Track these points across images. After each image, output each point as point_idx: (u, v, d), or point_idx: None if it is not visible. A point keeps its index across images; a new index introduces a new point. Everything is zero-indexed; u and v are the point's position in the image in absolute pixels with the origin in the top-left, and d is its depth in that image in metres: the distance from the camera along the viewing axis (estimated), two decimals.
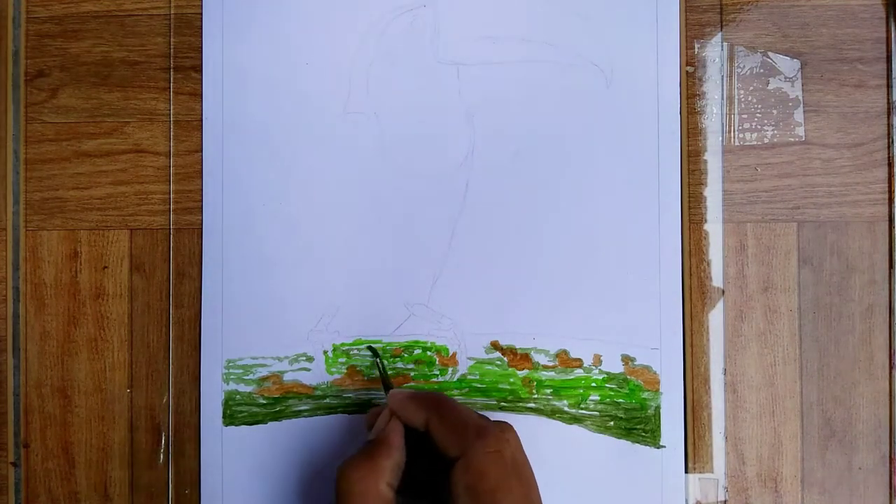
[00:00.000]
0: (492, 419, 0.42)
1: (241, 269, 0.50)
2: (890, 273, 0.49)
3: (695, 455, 0.49)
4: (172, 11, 0.51)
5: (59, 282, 0.50)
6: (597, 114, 0.49)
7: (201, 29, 0.50)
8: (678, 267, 0.49)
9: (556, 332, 0.49)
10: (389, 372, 0.49)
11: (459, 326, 0.49)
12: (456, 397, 0.49)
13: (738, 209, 0.49)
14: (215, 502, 0.49)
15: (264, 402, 0.49)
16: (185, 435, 0.50)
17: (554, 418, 0.49)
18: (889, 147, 0.49)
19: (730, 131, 0.49)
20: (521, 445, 0.42)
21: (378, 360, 0.48)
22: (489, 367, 0.49)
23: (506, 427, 0.41)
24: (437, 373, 0.49)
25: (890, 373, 0.48)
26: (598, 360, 0.49)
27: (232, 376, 0.49)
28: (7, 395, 0.50)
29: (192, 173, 0.50)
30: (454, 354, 0.49)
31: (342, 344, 0.49)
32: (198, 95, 0.50)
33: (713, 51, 0.50)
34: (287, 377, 0.49)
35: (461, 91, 0.50)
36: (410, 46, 0.50)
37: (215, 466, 0.49)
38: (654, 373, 0.48)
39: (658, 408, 0.48)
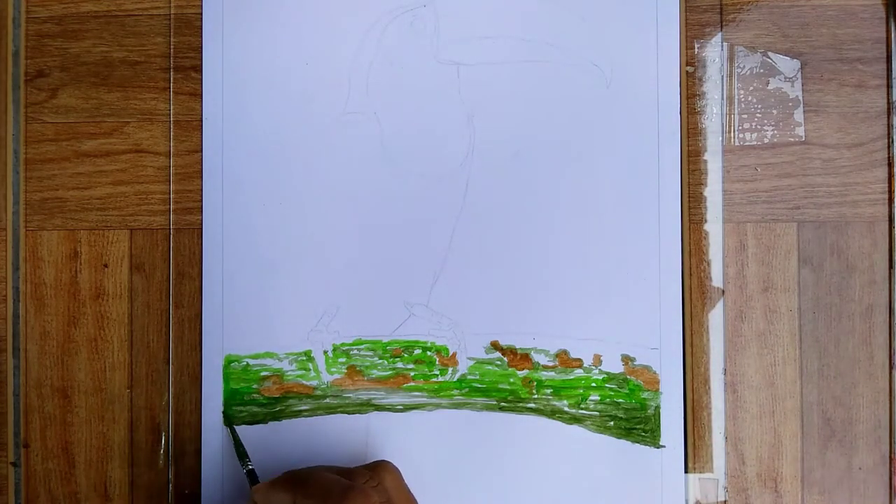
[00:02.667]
0: (373, 462, 0.44)
1: (241, 268, 0.50)
2: (890, 273, 0.49)
3: (695, 455, 0.49)
4: (172, 11, 0.51)
5: (59, 282, 0.50)
6: (597, 114, 0.49)
7: (201, 29, 0.50)
8: (678, 267, 0.49)
9: (556, 332, 0.49)
10: (389, 372, 0.49)
11: (459, 326, 0.49)
12: (456, 397, 0.49)
13: (738, 209, 0.49)
14: (215, 502, 0.49)
15: (264, 401, 0.49)
16: (185, 435, 0.50)
17: (554, 418, 0.49)
18: (889, 147, 0.49)
19: (730, 131, 0.49)
20: (400, 485, 0.43)
21: (232, 430, 0.48)
22: (489, 367, 0.49)
23: (378, 475, 0.42)
24: (437, 373, 0.49)
25: (890, 373, 0.48)
26: (598, 360, 0.49)
27: (232, 376, 0.49)
28: (7, 395, 0.50)
29: (192, 173, 0.50)
30: (454, 354, 0.49)
31: (342, 344, 0.49)
32: (198, 95, 0.50)
33: (713, 51, 0.49)
34: (287, 377, 0.49)
35: (461, 91, 0.50)
36: (410, 46, 0.50)
37: (215, 466, 0.49)
38: (654, 373, 0.48)
39: (658, 408, 0.48)
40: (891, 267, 0.49)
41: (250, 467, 0.47)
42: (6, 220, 0.51)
